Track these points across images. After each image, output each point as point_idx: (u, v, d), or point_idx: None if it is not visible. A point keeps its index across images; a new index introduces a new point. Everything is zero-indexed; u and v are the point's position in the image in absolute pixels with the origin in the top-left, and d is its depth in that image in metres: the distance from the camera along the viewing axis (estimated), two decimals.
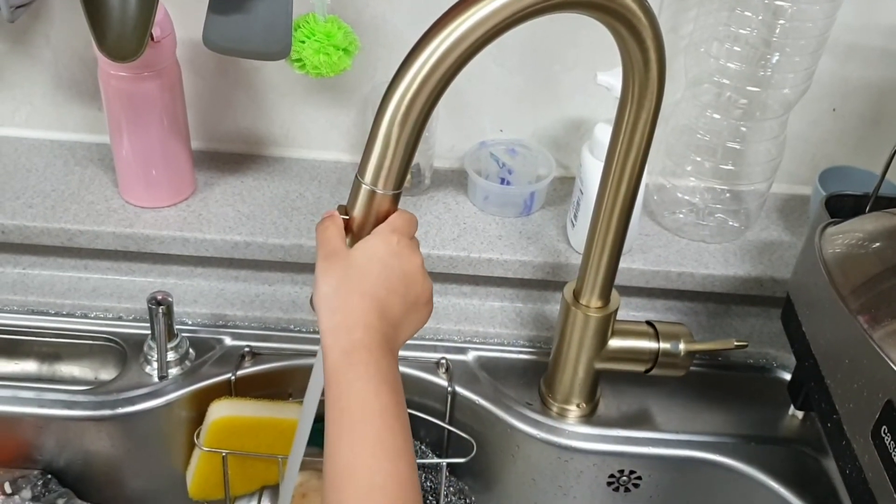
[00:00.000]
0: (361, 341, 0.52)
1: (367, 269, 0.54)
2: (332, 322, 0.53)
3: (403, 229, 0.57)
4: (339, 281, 0.53)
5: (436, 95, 0.52)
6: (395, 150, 0.53)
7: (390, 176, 0.55)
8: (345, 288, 0.53)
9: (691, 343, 0.80)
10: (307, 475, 0.87)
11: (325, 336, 0.53)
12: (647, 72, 0.60)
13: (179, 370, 0.84)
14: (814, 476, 0.80)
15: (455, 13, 0.51)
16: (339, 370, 0.52)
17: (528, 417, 0.84)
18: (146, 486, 0.87)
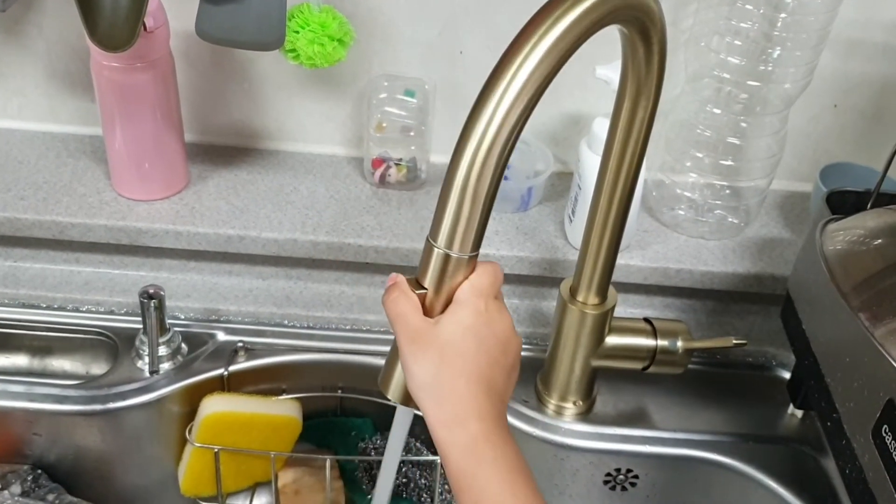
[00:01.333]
0: (481, 432, 0.48)
1: (464, 347, 0.50)
2: (441, 415, 0.49)
3: (489, 290, 0.52)
4: (437, 366, 0.49)
5: (514, 138, 0.48)
6: (472, 207, 0.49)
7: (468, 237, 0.50)
8: (447, 373, 0.49)
9: (689, 341, 0.79)
10: (300, 472, 0.87)
11: (437, 430, 0.49)
12: (648, 66, 0.59)
13: (171, 365, 0.83)
14: (813, 476, 0.79)
15: (520, 46, 0.47)
16: (467, 471, 0.48)
17: (524, 415, 0.83)
18: (138, 482, 0.86)
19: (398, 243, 0.85)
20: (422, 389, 0.50)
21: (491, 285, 0.52)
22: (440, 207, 0.49)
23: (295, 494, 0.86)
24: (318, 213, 0.87)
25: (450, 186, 0.49)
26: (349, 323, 0.88)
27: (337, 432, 0.90)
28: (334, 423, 0.90)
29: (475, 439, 0.48)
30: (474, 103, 0.47)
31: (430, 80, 0.88)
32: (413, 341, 0.50)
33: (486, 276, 0.52)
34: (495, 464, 0.48)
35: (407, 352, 0.50)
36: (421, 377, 0.49)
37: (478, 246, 0.51)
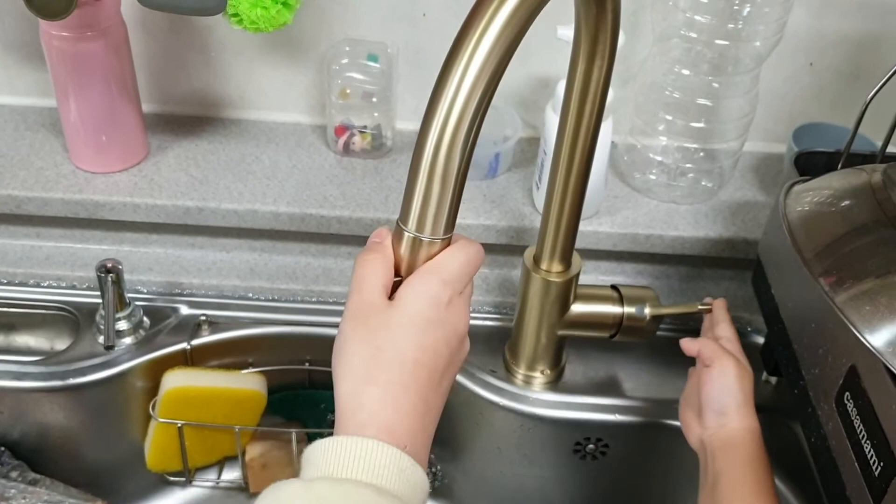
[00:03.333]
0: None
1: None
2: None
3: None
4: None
5: (484, 109, 0.44)
6: (441, 186, 0.44)
7: (439, 218, 0.45)
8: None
9: (657, 307, 0.77)
10: (268, 446, 0.86)
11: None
12: (600, 25, 0.57)
13: (133, 339, 0.82)
14: (785, 443, 0.78)
15: (484, 7, 0.43)
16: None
17: (492, 385, 0.81)
18: (104, 458, 0.85)
19: (362, 213, 0.84)
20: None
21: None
22: (409, 188, 0.45)
23: (263, 468, 0.85)
24: (279, 184, 0.86)
25: (417, 165, 0.44)
26: (315, 295, 0.86)
27: (306, 405, 0.89)
28: (303, 396, 0.89)
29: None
30: (439, 73, 0.44)
31: (393, 45, 0.86)
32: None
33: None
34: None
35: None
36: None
37: (451, 227, 0.46)
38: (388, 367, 0.43)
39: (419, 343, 0.44)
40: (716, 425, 0.69)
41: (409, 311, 0.44)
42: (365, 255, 0.47)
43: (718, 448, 0.68)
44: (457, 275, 0.46)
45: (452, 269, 0.46)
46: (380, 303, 0.45)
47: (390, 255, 0.47)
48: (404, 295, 0.45)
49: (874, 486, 0.53)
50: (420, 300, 0.45)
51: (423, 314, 0.45)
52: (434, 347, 0.45)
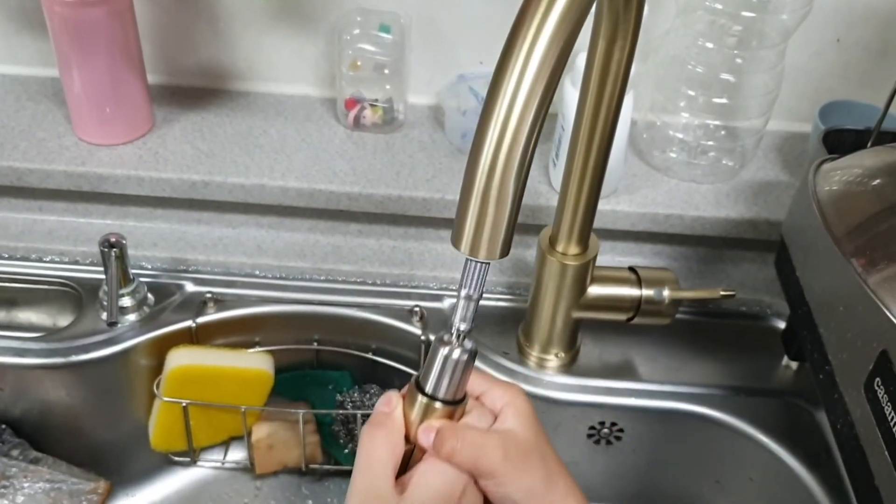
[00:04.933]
0: None
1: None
2: None
3: (482, 463, 0.42)
4: None
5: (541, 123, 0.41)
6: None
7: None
8: None
9: (676, 290, 0.74)
10: (275, 427, 0.84)
11: None
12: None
13: (137, 316, 0.80)
14: (806, 430, 0.76)
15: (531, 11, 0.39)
16: None
17: (505, 367, 0.79)
18: (107, 437, 0.84)
19: (373, 189, 0.81)
20: None
21: (488, 455, 0.43)
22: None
23: (269, 449, 0.84)
24: (287, 158, 0.83)
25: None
26: (324, 273, 0.84)
27: (313, 385, 0.86)
28: (311, 377, 0.87)
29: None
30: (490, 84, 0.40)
31: (406, 15, 0.83)
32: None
33: (474, 447, 0.43)
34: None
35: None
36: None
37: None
38: None
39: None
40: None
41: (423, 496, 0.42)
42: (373, 430, 0.44)
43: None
44: (483, 460, 0.43)
45: (486, 460, 0.43)
46: (387, 493, 0.42)
47: (400, 427, 0.44)
48: (416, 491, 0.42)
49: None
50: (431, 499, 0.42)
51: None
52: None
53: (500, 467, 0.43)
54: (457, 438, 0.42)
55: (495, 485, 0.43)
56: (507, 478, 0.43)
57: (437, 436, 0.43)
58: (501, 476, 0.42)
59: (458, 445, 0.42)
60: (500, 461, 0.43)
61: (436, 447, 0.43)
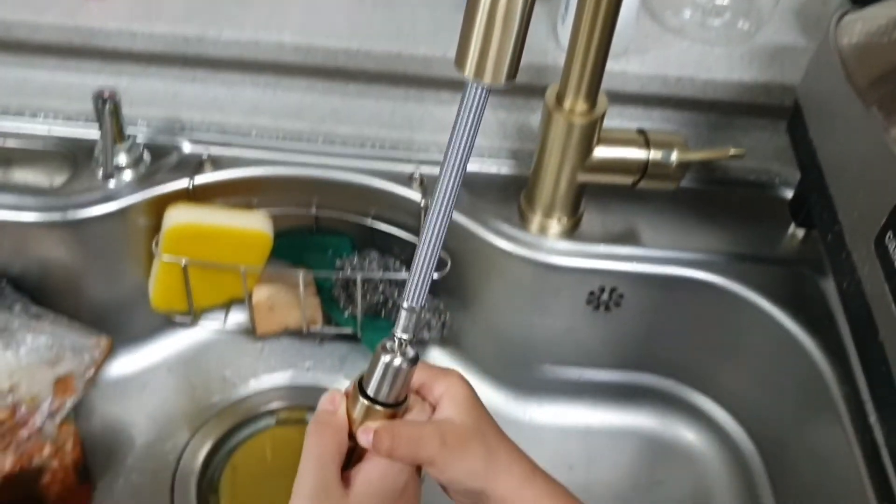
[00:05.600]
0: None
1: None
2: None
3: (421, 455, 0.45)
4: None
5: None
6: None
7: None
8: None
9: (685, 152, 0.72)
10: (275, 289, 0.84)
11: None
12: None
13: (133, 175, 0.78)
14: (810, 297, 0.75)
15: None
16: None
17: (506, 233, 0.78)
18: (108, 295, 0.84)
19: (371, 45, 0.78)
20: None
21: (415, 452, 0.46)
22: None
23: (269, 310, 0.84)
24: (283, 11, 0.80)
25: None
26: (321, 136, 0.82)
27: (313, 250, 0.86)
28: (310, 241, 0.86)
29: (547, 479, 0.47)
30: None
31: None
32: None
33: (413, 442, 0.46)
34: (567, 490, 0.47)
35: None
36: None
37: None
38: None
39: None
40: None
41: (370, 487, 0.45)
42: (320, 428, 0.46)
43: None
44: (429, 455, 0.45)
45: (425, 451, 0.45)
46: (337, 490, 0.44)
47: (345, 426, 0.46)
48: (362, 487, 0.45)
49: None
50: (376, 495, 0.45)
51: (384, 491, 0.45)
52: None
53: (439, 456, 0.45)
54: (393, 437, 0.45)
55: (438, 471, 0.46)
56: (447, 464, 0.45)
57: (375, 436, 0.45)
58: (441, 463, 0.45)
59: (394, 444, 0.45)
60: (437, 450, 0.45)
61: (375, 447, 0.45)
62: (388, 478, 0.46)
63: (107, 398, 0.84)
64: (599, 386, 0.87)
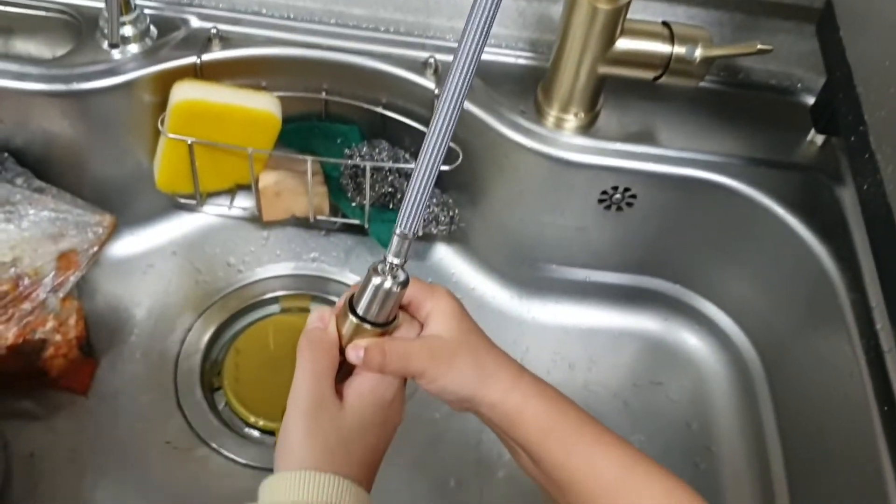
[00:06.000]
0: (531, 379, 0.50)
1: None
2: (493, 392, 0.49)
3: (411, 369, 0.48)
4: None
5: None
6: None
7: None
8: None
9: (709, 48, 0.70)
10: (282, 175, 0.82)
11: (502, 402, 0.49)
12: None
13: (140, 48, 0.76)
14: (824, 204, 0.74)
15: None
16: (549, 412, 0.49)
17: (521, 126, 0.77)
18: (112, 173, 0.82)
19: None
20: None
21: (403, 367, 0.48)
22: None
23: (276, 196, 0.82)
24: None
25: None
26: (334, 16, 0.80)
27: (321, 137, 0.84)
28: (319, 128, 0.84)
29: (534, 382, 0.50)
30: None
31: None
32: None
33: (400, 358, 0.48)
34: (556, 390, 0.50)
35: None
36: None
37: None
38: (340, 467, 0.46)
39: (366, 444, 0.48)
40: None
41: (362, 417, 0.47)
42: (313, 344, 0.48)
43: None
44: (420, 368, 0.48)
45: (415, 365, 0.48)
46: (332, 403, 0.47)
47: (336, 342, 0.48)
48: (355, 400, 0.47)
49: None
50: (370, 406, 0.48)
51: (371, 419, 0.48)
52: (376, 445, 0.48)
53: (429, 369, 0.48)
54: (383, 354, 0.47)
55: (427, 382, 0.48)
56: (436, 376, 0.48)
57: (366, 353, 0.47)
58: (431, 375, 0.48)
59: (385, 360, 0.47)
60: (426, 364, 0.48)
61: (366, 363, 0.47)
62: (377, 390, 0.48)
63: (111, 278, 0.84)
64: (605, 287, 0.87)
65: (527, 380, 0.50)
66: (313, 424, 0.46)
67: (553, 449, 0.48)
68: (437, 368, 0.48)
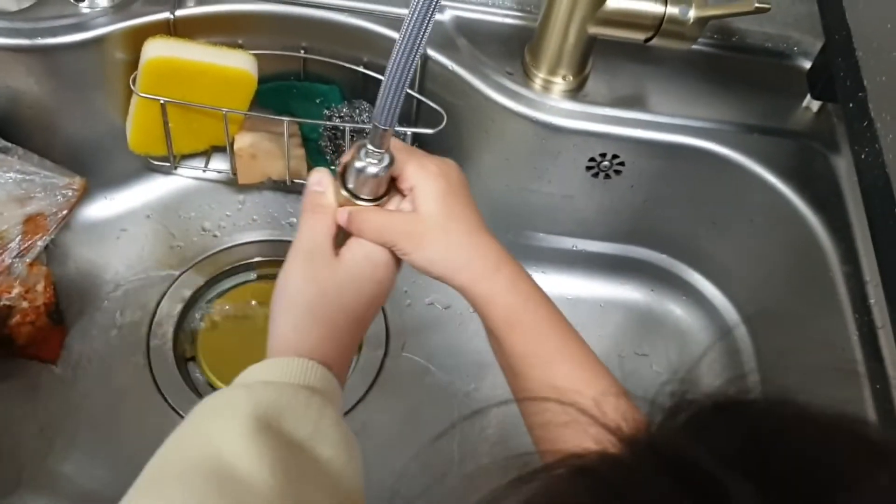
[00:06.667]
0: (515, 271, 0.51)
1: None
2: (473, 273, 0.51)
3: (386, 238, 0.51)
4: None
5: None
6: None
7: None
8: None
9: (703, 9, 0.67)
10: (259, 137, 0.79)
11: (476, 285, 0.51)
12: None
13: (110, 2, 0.73)
14: (818, 173, 0.72)
15: None
16: (516, 306, 0.50)
17: (507, 88, 0.74)
18: (82, 134, 0.79)
19: None
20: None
21: (394, 237, 0.51)
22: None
23: (252, 159, 0.80)
24: None
25: None
26: None
27: (300, 98, 0.81)
28: (297, 88, 0.81)
29: (513, 278, 0.51)
30: None
31: None
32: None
33: (393, 226, 0.51)
34: (536, 289, 0.51)
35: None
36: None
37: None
38: (332, 312, 0.49)
39: (358, 297, 0.50)
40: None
41: (353, 270, 0.50)
42: (315, 206, 0.51)
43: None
44: (392, 240, 0.51)
45: (388, 236, 0.51)
46: (329, 254, 0.50)
47: (334, 207, 0.51)
48: (349, 256, 0.51)
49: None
50: (362, 262, 0.50)
51: (365, 274, 0.51)
52: (368, 301, 0.51)
53: (399, 242, 0.50)
54: (363, 219, 0.51)
55: (401, 253, 0.51)
56: (409, 251, 0.51)
57: (350, 217, 0.51)
58: (402, 249, 0.51)
59: (364, 225, 0.51)
60: (398, 237, 0.50)
61: (348, 224, 0.51)
62: (371, 254, 0.51)
63: (82, 242, 0.81)
64: (591, 257, 0.85)
65: (505, 272, 0.51)
66: (310, 269, 0.49)
67: (516, 342, 0.50)
68: (407, 243, 0.50)
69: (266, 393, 0.44)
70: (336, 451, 0.43)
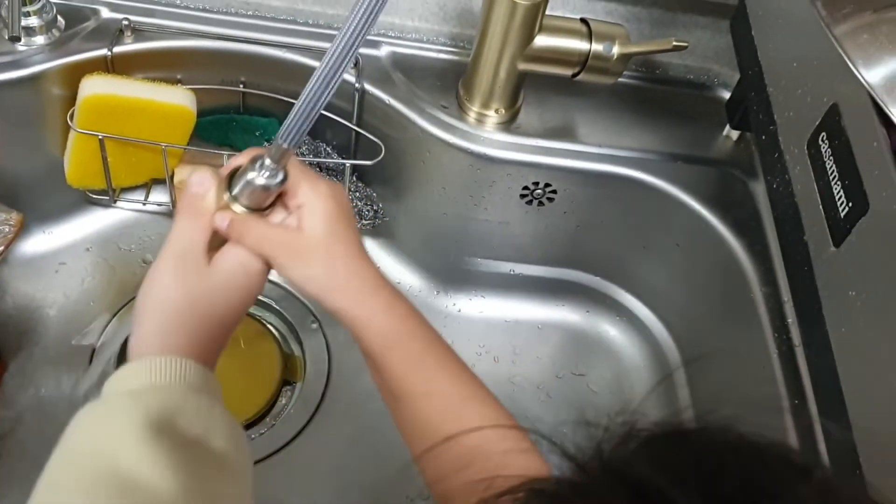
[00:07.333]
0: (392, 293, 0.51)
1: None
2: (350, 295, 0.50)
3: (264, 251, 0.50)
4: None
5: None
6: None
7: None
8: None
9: (626, 46, 0.71)
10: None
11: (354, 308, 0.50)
12: None
13: (46, 40, 0.73)
14: (738, 199, 0.76)
15: None
16: (393, 328, 0.50)
17: (442, 121, 0.76)
18: (20, 169, 0.79)
19: None
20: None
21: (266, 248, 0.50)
22: None
23: None
24: None
25: None
26: (251, 8, 0.78)
27: (240, 130, 0.82)
28: (237, 121, 0.82)
29: (390, 301, 0.51)
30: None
31: None
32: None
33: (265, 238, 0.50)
34: (413, 312, 0.51)
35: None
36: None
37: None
38: (199, 318, 0.48)
39: (228, 304, 0.49)
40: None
41: (226, 278, 0.49)
42: (191, 209, 0.49)
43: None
44: (272, 253, 0.50)
45: (269, 249, 0.50)
46: (201, 259, 0.49)
47: (211, 208, 0.49)
48: (223, 264, 0.49)
49: (838, 228, 0.51)
50: (236, 270, 0.49)
51: (238, 283, 0.50)
52: (237, 310, 0.50)
53: (278, 257, 0.50)
54: (246, 228, 0.49)
55: (277, 269, 0.51)
56: (286, 267, 0.50)
57: (231, 223, 0.49)
58: (280, 264, 0.50)
59: (245, 234, 0.49)
60: (277, 252, 0.50)
61: (227, 231, 0.49)
62: (244, 261, 0.50)
63: (20, 277, 0.81)
64: (528, 280, 0.87)
65: (383, 295, 0.51)
66: (181, 272, 0.48)
67: (394, 363, 0.50)
68: (287, 258, 0.50)
69: (155, 397, 0.43)
70: (227, 444, 0.44)
